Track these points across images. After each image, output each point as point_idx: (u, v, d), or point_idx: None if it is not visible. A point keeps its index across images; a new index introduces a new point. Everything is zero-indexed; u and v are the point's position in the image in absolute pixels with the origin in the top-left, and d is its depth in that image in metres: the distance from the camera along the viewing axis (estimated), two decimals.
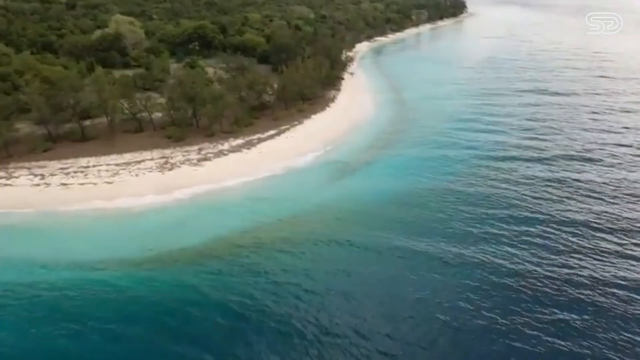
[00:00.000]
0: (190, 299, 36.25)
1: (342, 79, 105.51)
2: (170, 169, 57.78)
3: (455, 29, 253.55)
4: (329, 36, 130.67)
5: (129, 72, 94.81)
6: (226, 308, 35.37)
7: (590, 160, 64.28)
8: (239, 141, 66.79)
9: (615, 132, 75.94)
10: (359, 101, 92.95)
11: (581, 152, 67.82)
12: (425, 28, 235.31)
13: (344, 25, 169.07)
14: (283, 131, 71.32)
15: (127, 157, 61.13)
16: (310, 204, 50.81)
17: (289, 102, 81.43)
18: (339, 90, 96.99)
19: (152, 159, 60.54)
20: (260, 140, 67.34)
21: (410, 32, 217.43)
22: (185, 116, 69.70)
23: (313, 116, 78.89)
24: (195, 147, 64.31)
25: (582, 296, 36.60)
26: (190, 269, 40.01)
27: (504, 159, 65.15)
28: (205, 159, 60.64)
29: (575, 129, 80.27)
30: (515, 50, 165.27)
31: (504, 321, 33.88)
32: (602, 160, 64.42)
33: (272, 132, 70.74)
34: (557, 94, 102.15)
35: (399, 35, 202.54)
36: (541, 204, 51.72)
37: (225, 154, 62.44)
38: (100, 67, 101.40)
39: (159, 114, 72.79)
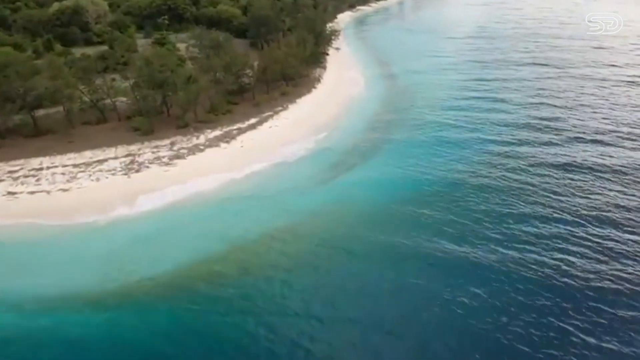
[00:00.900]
0: (163, 351, 29.28)
1: (327, 54, 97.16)
2: (137, 171, 49.89)
3: None
4: (311, 6, 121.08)
5: (91, 50, 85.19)
6: None
7: (608, 143, 58.09)
8: (217, 133, 58.88)
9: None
10: (347, 79, 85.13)
11: (597, 132, 61.70)
12: None
13: None
14: (266, 119, 63.48)
15: (87, 155, 52.98)
16: (303, 211, 43.61)
17: (271, 84, 73.32)
18: (324, 68, 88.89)
19: (116, 158, 52.48)
20: (240, 131, 59.51)
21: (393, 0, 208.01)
22: (154, 104, 61.27)
23: (298, 100, 71.02)
24: (167, 142, 56.29)
25: None
26: (162, 306, 32.90)
27: (514, 143, 58.56)
28: (178, 157, 52.78)
29: (585, 105, 74.24)
30: (504, 19, 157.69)
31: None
32: (621, 140, 58.46)
33: (253, 120, 62.86)
34: (557, 66, 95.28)
35: (382, 3, 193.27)
36: (567, 196, 45.49)
37: (201, 150, 54.60)
38: (58, 44, 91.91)
39: (125, 100, 64.31)
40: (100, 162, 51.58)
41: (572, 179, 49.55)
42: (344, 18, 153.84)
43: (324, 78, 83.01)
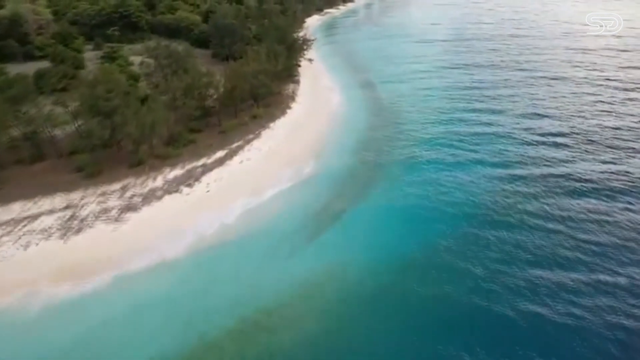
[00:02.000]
0: None
1: (300, 65, 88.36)
2: (77, 231, 40.08)
3: None
4: (279, 12, 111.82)
5: (31, 67, 73.87)
6: None
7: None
8: (177, 172, 49.44)
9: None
10: (323, 96, 76.67)
11: (603, 145, 57.11)
12: None
13: None
14: (236, 151, 54.35)
15: (16, 209, 42.82)
16: (284, 289, 34.79)
17: (239, 105, 64.07)
18: (297, 82, 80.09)
19: (52, 212, 42.49)
20: (205, 169, 50.22)
21: (361, 2, 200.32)
22: (100, 137, 51.08)
23: (272, 124, 62.04)
24: (117, 186, 46.56)
25: None
26: None
27: (518, 163, 53.37)
28: (131, 208, 43.15)
29: (581, 113, 69.17)
30: (478, 20, 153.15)
31: None
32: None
33: (220, 153, 53.62)
34: (554, 78, 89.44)
35: (349, 5, 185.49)
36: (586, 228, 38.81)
37: (159, 197, 45.09)
38: None
39: (68, 128, 54.09)
40: (32, 218, 41.55)
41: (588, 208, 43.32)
42: (313, 22, 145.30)
43: (298, 95, 74.29)
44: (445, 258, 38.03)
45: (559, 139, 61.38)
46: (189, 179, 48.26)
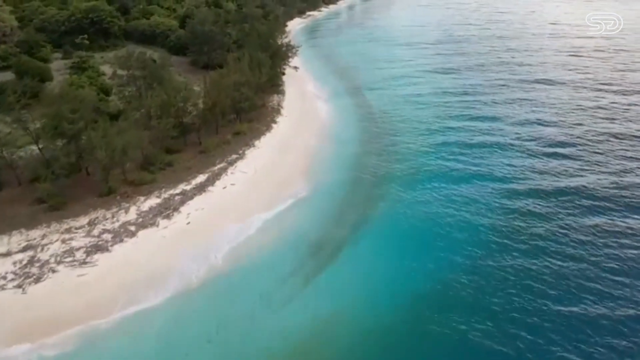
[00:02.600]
0: None
1: (284, 73, 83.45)
2: (37, 279, 34.65)
3: None
4: (260, 16, 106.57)
5: None
6: None
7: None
8: (153, 201, 44.21)
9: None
10: (310, 107, 72.03)
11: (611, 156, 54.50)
12: None
13: None
14: (218, 174, 49.27)
15: None
16: (279, 347, 29.97)
17: (221, 121, 58.96)
18: (282, 93, 75.13)
19: (8, 255, 36.96)
20: (185, 197, 45.06)
21: (343, 3, 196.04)
22: (65, 163, 45.31)
23: (257, 142, 57.08)
24: (84, 220, 41.14)
25: None
26: None
27: (531, 181, 49.49)
28: (99, 248, 37.83)
29: (583, 120, 66.06)
30: (465, 22, 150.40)
31: None
32: None
33: (201, 177, 48.49)
34: (550, 82, 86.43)
35: (332, 7, 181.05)
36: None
37: (133, 232, 39.82)
38: None
39: (30, 150, 48.47)
40: None
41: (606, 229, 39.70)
42: (295, 26, 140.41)
43: (284, 107, 69.40)
44: (461, 295, 34.00)
45: (564, 150, 58.08)
46: (167, 209, 43.07)
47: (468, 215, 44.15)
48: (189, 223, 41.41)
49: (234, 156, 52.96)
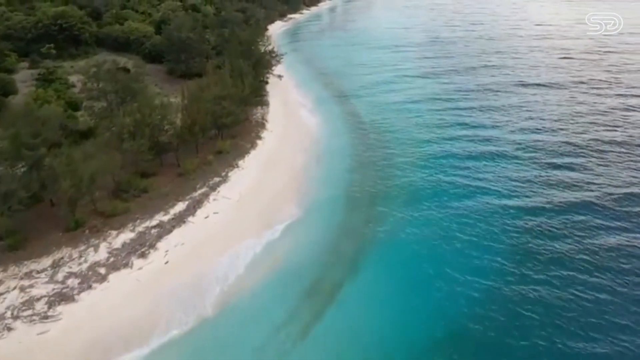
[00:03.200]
0: None
1: (267, 82, 78.85)
2: None
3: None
4: (241, 21, 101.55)
5: None
6: None
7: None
8: (126, 236, 39.34)
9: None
10: (298, 118, 67.72)
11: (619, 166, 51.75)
12: (339, 0, 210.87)
13: (252, 1, 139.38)
14: (199, 201, 44.56)
15: None
16: None
17: (201, 137, 54.10)
18: (267, 104, 70.54)
19: None
20: (162, 230, 40.29)
21: (325, 5, 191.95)
22: (21, 200, 39.54)
23: (241, 162, 52.47)
24: (47, 262, 36.14)
25: None
26: None
27: (541, 192, 46.58)
28: (64, 297, 32.91)
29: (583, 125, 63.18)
30: (450, 23, 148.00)
31: None
32: None
33: (181, 205, 43.70)
34: (544, 85, 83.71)
35: (313, 10, 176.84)
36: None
37: (102, 276, 34.94)
38: None
39: None
40: None
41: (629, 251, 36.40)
42: (276, 29, 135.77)
43: (269, 120, 64.87)
44: (478, 336, 29.96)
45: (568, 160, 55.03)
46: (142, 245, 38.28)
47: (475, 238, 40.54)
48: (167, 262, 36.72)
49: (217, 179, 48.30)
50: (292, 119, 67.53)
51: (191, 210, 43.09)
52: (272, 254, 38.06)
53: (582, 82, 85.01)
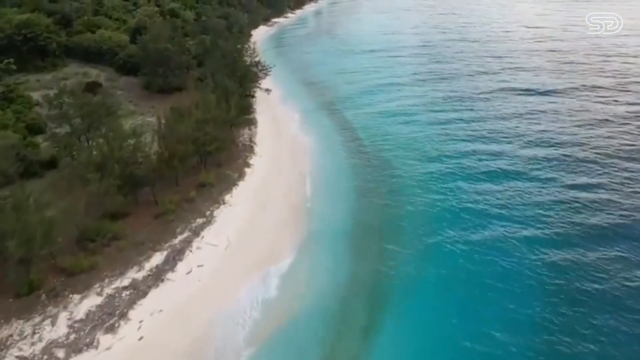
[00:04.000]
0: None
1: (254, 96, 72.11)
2: None
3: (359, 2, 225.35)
4: (224, 28, 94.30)
5: None
6: None
7: None
8: (92, 302, 32.39)
9: None
10: (290, 139, 61.26)
11: None
12: (324, 3, 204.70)
13: (233, 5, 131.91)
14: (180, 251, 37.69)
15: None
16: None
17: (181, 166, 47.15)
18: (254, 123, 63.72)
19: None
20: (136, 293, 33.37)
21: (310, 8, 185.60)
22: None
23: (228, 197, 45.68)
24: None
25: None
26: None
27: (572, 222, 40.96)
28: None
29: (598, 140, 58.14)
30: (442, 27, 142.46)
31: None
32: None
33: (157, 257, 36.80)
34: (550, 93, 78.67)
35: (298, 13, 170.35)
36: None
37: None
38: None
39: None
40: None
41: None
42: (261, 35, 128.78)
43: (258, 143, 58.15)
44: None
45: (591, 178, 50.05)
46: (111, 315, 31.38)
47: (501, 281, 35.00)
48: (141, 338, 29.90)
49: (200, 220, 41.50)
50: (283, 139, 61.00)
51: (171, 263, 36.29)
52: (269, 323, 31.43)
53: (590, 88, 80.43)
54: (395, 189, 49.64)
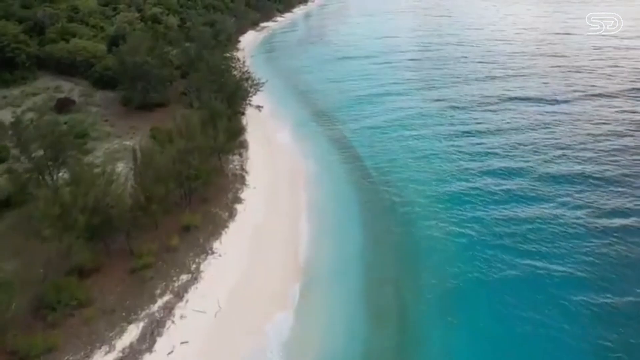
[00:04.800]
0: None
1: (244, 114, 65.42)
2: None
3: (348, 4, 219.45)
4: (210, 37, 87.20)
5: None
6: None
7: None
8: None
9: None
10: (287, 167, 54.64)
11: None
12: (313, 5, 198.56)
13: (220, 10, 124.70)
14: (160, 323, 30.94)
15: None
16: None
17: (160, 205, 40.37)
18: (245, 147, 56.92)
19: None
20: None
21: (299, 11, 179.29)
22: None
23: (216, 244, 38.97)
24: None
25: None
26: None
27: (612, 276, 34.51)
28: None
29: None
30: (438, 31, 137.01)
31: None
32: None
33: (132, 332, 30.04)
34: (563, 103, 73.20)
35: (288, 16, 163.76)
36: None
37: None
38: None
39: None
40: None
41: None
42: (249, 41, 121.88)
43: (249, 171, 51.45)
44: None
45: (628, 203, 43.86)
46: None
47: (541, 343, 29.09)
48: None
49: (184, 277, 34.81)
50: (278, 164, 54.55)
51: (148, 339, 29.57)
52: None
53: (601, 96, 75.40)
54: (406, 220, 43.97)
